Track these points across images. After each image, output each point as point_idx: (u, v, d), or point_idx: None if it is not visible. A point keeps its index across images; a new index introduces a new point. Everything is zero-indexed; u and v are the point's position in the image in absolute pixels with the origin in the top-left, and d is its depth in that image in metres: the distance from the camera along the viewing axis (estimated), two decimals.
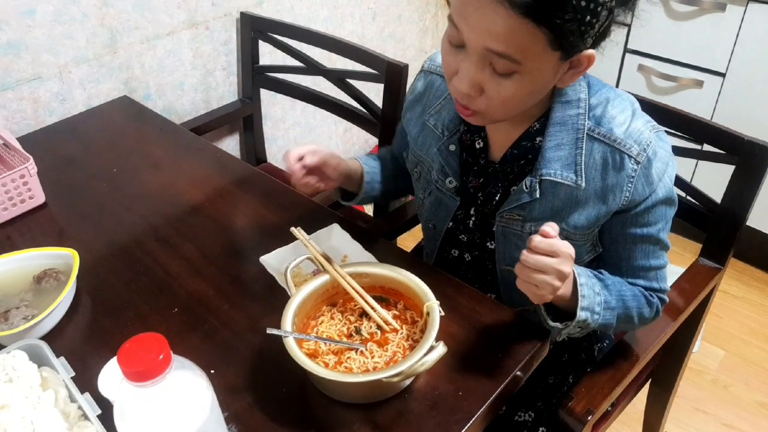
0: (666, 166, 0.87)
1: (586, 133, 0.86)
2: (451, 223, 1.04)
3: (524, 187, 0.90)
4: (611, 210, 0.88)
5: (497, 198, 0.96)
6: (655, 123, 0.88)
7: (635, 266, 0.93)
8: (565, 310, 0.88)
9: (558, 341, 1.09)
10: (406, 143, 1.13)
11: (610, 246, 0.93)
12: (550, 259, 0.75)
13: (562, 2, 0.69)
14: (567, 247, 0.76)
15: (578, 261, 0.93)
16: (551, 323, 0.87)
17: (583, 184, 0.87)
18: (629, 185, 0.85)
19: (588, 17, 0.71)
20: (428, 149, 1.02)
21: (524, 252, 0.76)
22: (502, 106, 0.80)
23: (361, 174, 1.09)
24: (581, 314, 0.84)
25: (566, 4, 0.69)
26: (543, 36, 0.71)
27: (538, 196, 0.90)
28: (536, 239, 0.75)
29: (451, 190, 1.00)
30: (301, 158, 0.95)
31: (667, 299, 0.98)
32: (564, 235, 0.91)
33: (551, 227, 0.75)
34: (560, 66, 0.77)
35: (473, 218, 1.00)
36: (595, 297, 0.86)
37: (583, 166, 0.87)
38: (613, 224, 0.90)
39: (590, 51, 0.76)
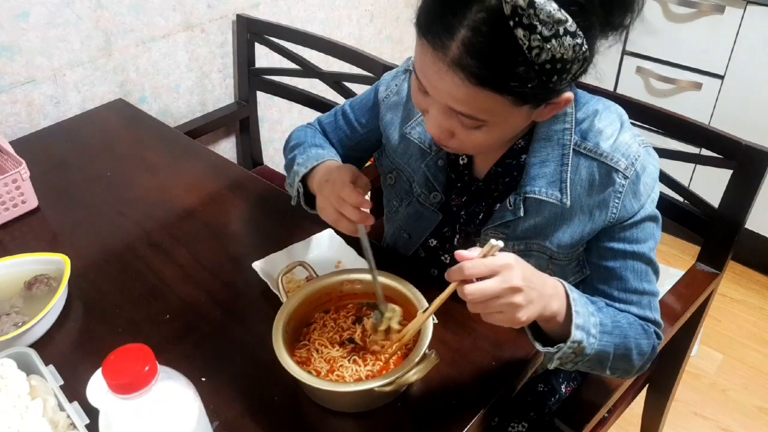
0: (654, 182, 0.84)
1: (573, 149, 0.83)
2: (435, 242, 1.02)
3: (508, 205, 0.87)
4: (597, 227, 0.84)
5: (481, 217, 0.93)
6: (644, 138, 0.84)
7: (628, 288, 0.86)
8: (556, 336, 0.78)
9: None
10: (359, 137, 1.07)
11: (599, 265, 0.87)
12: (491, 280, 0.66)
13: (522, 71, 0.64)
14: (501, 259, 0.67)
15: None
16: (541, 348, 0.77)
17: (569, 203, 0.83)
18: (616, 201, 0.81)
19: (556, 77, 0.66)
20: (409, 160, 0.98)
21: (464, 288, 0.66)
22: (475, 149, 0.77)
23: None
24: (576, 333, 0.73)
25: (527, 71, 0.64)
26: (506, 99, 0.68)
27: (522, 214, 0.86)
28: (466, 267, 0.66)
29: (435, 204, 0.97)
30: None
31: (662, 336, 0.89)
32: (548, 254, 0.88)
33: (462, 254, 0.68)
34: (533, 111, 0.74)
35: (458, 237, 0.98)
36: (590, 317, 0.77)
37: (568, 183, 0.83)
38: (600, 240, 0.86)
39: (567, 95, 0.73)
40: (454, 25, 0.65)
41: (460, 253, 0.68)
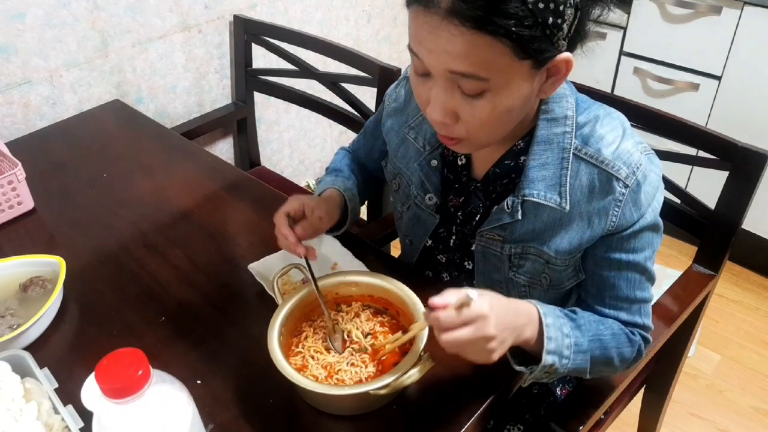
0: (656, 190, 0.83)
1: (573, 153, 0.81)
2: (430, 242, 1.01)
3: (506, 207, 0.86)
4: (596, 235, 0.83)
5: (477, 218, 0.93)
6: (647, 145, 0.84)
7: (619, 296, 0.86)
8: (532, 353, 0.81)
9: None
10: (377, 149, 1.11)
11: (594, 272, 0.87)
12: (466, 330, 0.68)
13: (515, 9, 0.64)
14: (475, 310, 0.69)
15: (559, 287, 0.90)
16: (516, 367, 0.80)
17: (568, 207, 0.82)
18: (616, 209, 0.80)
19: (551, 19, 0.66)
20: (408, 162, 0.98)
21: (440, 337, 0.69)
22: (482, 129, 0.75)
23: (342, 201, 1.04)
24: (547, 358, 0.77)
25: (521, 9, 0.64)
26: (505, 47, 0.66)
27: (519, 217, 0.85)
28: (442, 320, 0.69)
29: (431, 207, 0.97)
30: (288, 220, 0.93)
31: (650, 339, 0.90)
32: (545, 258, 0.88)
33: (436, 302, 0.69)
34: (535, 75, 0.72)
35: (453, 238, 0.98)
36: (564, 339, 0.80)
37: (568, 188, 0.82)
38: (597, 248, 0.85)
39: (566, 54, 0.71)
40: None
41: (433, 301, 0.70)
